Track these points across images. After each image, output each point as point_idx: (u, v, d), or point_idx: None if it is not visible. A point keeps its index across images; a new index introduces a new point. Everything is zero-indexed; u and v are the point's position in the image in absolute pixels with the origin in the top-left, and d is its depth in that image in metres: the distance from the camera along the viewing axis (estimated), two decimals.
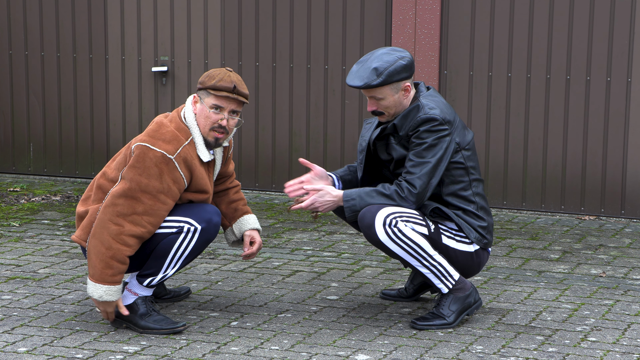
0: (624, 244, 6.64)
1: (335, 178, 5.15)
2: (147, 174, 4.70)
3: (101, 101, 8.25)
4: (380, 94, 4.87)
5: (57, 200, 7.63)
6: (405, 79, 4.89)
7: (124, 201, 4.69)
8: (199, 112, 4.84)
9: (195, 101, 4.86)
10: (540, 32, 7.32)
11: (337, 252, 6.35)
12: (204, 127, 4.82)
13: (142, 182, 4.69)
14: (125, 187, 4.70)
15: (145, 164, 4.70)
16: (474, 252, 5.01)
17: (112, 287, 4.72)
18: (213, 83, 4.79)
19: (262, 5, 7.83)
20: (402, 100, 4.92)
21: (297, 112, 7.88)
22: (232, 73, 4.83)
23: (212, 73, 4.83)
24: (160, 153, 4.71)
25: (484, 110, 7.50)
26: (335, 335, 4.85)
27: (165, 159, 4.71)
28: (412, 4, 7.47)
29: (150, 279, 4.84)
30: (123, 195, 4.70)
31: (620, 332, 4.95)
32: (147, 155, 4.71)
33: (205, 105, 4.81)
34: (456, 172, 4.95)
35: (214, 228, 4.83)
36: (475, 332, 4.91)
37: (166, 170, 4.71)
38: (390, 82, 4.85)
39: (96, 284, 4.72)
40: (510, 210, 7.52)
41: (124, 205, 4.69)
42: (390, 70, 4.84)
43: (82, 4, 8.18)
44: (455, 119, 4.92)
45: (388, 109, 4.92)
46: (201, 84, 4.83)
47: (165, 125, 4.82)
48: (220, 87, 4.78)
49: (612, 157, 7.29)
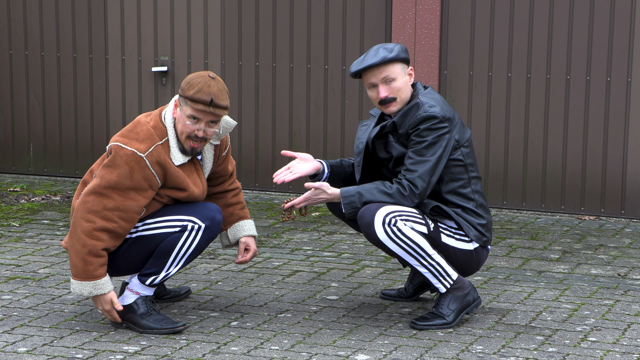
0: (624, 244, 6.64)
1: (325, 165, 5.13)
2: (118, 172, 4.69)
3: (101, 101, 8.25)
4: (393, 72, 4.90)
5: (57, 200, 7.64)
6: (407, 63, 4.96)
7: (94, 198, 4.69)
8: (178, 117, 4.78)
9: (176, 105, 4.80)
10: (540, 32, 7.32)
11: (337, 252, 6.35)
12: (181, 134, 4.76)
13: (112, 180, 4.69)
14: (95, 184, 4.71)
15: (115, 162, 4.70)
16: (473, 250, 5.01)
17: (98, 281, 4.71)
18: (191, 94, 4.69)
19: (262, 5, 7.83)
20: (407, 86, 4.94)
21: (297, 112, 7.88)
22: (212, 82, 4.71)
23: (193, 80, 4.72)
24: (130, 151, 4.69)
25: (484, 110, 7.50)
26: (335, 335, 4.85)
27: (136, 157, 4.69)
28: (412, 4, 7.47)
29: (153, 278, 4.83)
30: (93, 192, 4.70)
31: (620, 332, 4.95)
32: (119, 154, 4.70)
33: (183, 113, 4.74)
34: (455, 170, 4.95)
35: (217, 226, 4.83)
36: (475, 332, 4.91)
37: (137, 169, 4.69)
38: (401, 60, 4.91)
39: (82, 282, 4.71)
40: (510, 210, 7.52)
41: (94, 202, 4.69)
42: (397, 48, 4.93)
43: (82, 4, 8.18)
44: (454, 116, 4.93)
45: (400, 92, 4.92)
46: (181, 90, 4.74)
47: (141, 124, 4.78)
48: (197, 99, 4.68)
49: (612, 157, 7.29)
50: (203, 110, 4.69)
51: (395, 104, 4.95)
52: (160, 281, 4.84)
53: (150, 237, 4.80)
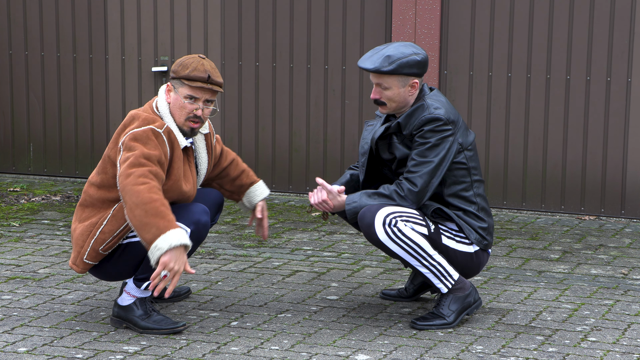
0: (624, 244, 6.64)
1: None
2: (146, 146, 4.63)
3: (101, 101, 8.25)
4: (387, 82, 4.87)
5: (57, 200, 7.64)
6: (414, 75, 4.89)
7: (137, 168, 4.58)
8: (173, 101, 4.79)
9: (169, 89, 4.80)
10: (540, 32, 7.32)
11: (337, 252, 6.35)
12: (179, 117, 4.77)
13: (144, 152, 4.61)
14: (130, 159, 4.60)
15: (138, 140, 4.64)
16: (473, 252, 5.01)
17: (177, 229, 4.51)
18: (187, 73, 4.72)
19: (262, 5, 7.83)
20: (407, 96, 4.92)
21: (297, 112, 7.88)
22: (205, 61, 4.76)
23: (185, 61, 4.76)
24: (149, 129, 4.67)
25: (484, 110, 7.50)
26: (335, 335, 4.85)
27: (155, 132, 4.67)
28: (412, 4, 7.47)
29: (147, 283, 4.82)
30: (132, 165, 4.59)
31: (620, 332, 4.95)
32: (139, 134, 4.66)
33: (180, 95, 4.76)
34: (458, 173, 4.95)
35: (204, 228, 4.79)
36: (475, 332, 4.91)
37: (158, 142, 4.66)
38: (400, 74, 4.85)
39: (165, 237, 4.46)
40: (510, 210, 7.52)
41: (138, 170, 4.58)
42: (403, 61, 4.85)
43: (82, 4, 8.18)
44: (458, 120, 4.92)
45: (390, 100, 4.91)
46: (174, 72, 4.76)
47: (139, 115, 4.78)
48: (195, 77, 4.71)
49: (612, 157, 7.29)
50: (201, 87, 4.71)
51: (386, 108, 4.96)
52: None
53: (139, 244, 4.77)
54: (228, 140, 8.01)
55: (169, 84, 4.81)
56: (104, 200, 4.79)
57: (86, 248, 4.77)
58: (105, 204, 4.78)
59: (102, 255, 4.78)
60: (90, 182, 4.86)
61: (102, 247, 4.75)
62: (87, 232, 4.77)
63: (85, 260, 4.79)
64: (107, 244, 4.75)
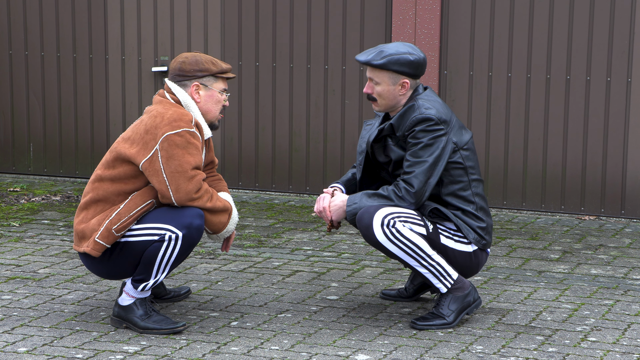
0: (624, 244, 6.64)
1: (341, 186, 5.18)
2: (188, 150, 4.79)
3: (101, 101, 8.25)
4: (378, 77, 4.92)
5: (57, 200, 7.64)
6: (406, 75, 4.90)
7: (192, 184, 4.77)
8: (206, 98, 4.96)
9: (197, 90, 4.93)
10: (540, 32, 7.32)
11: (337, 252, 6.35)
12: (215, 111, 5.00)
13: (190, 161, 4.79)
14: (183, 174, 4.76)
15: (180, 146, 4.77)
16: (472, 252, 5.01)
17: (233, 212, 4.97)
18: (220, 68, 4.96)
19: (262, 5, 7.83)
20: (397, 95, 4.93)
21: (297, 112, 7.88)
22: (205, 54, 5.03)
23: (200, 59, 4.95)
24: (185, 131, 4.78)
25: (484, 111, 7.50)
26: (335, 335, 4.85)
27: (190, 132, 4.80)
28: (412, 4, 7.47)
29: (144, 284, 4.83)
30: (188, 179, 4.77)
31: (620, 332, 4.95)
32: (178, 141, 4.76)
33: (216, 90, 4.96)
34: (455, 172, 4.95)
35: (196, 232, 4.80)
36: (475, 332, 4.91)
37: (196, 144, 4.81)
38: (390, 70, 4.88)
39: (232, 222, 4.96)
40: (510, 210, 7.52)
41: (193, 185, 4.78)
42: (394, 58, 4.88)
43: (82, 4, 8.18)
44: (451, 119, 4.92)
45: (380, 97, 4.94)
46: (206, 70, 4.93)
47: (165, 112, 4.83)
48: (225, 69, 4.98)
49: (612, 157, 7.29)
50: (231, 76, 5.01)
51: (377, 105, 4.98)
52: (152, 287, 4.85)
53: (134, 244, 4.79)
54: (228, 141, 8.02)
55: (196, 84, 4.92)
56: (119, 192, 4.85)
57: (99, 229, 4.78)
58: (121, 196, 4.84)
59: (114, 237, 4.77)
60: (101, 177, 4.87)
61: (116, 226, 4.76)
62: (103, 217, 4.80)
63: (97, 240, 4.78)
64: (120, 224, 4.76)
